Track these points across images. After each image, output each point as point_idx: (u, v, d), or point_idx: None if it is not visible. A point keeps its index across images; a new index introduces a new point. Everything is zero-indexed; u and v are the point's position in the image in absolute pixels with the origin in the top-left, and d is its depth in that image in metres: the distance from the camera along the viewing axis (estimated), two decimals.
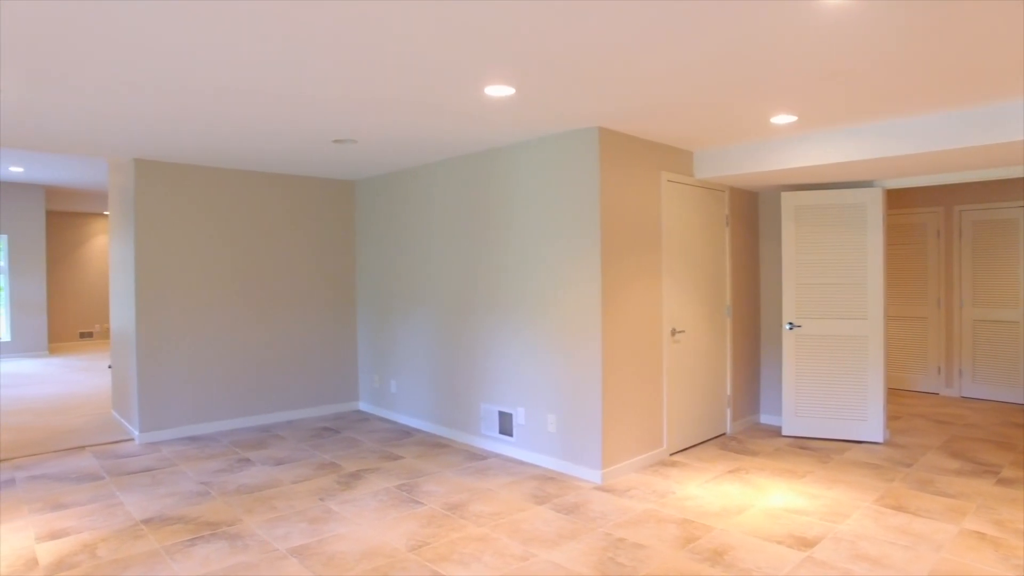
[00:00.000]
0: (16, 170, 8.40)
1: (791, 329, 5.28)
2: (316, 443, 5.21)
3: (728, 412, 5.47)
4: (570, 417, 4.36)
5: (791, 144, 4.46)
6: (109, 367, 8.19)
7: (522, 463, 4.63)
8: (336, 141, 4.59)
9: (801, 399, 5.26)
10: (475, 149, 4.95)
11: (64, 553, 3.18)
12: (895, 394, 6.99)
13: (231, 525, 3.51)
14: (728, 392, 5.47)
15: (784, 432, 5.32)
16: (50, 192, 10.31)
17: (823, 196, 5.16)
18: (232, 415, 5.73)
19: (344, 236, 6.49)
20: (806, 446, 5.02)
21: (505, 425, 4.84)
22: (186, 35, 2.58)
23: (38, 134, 4.35)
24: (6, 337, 10.06)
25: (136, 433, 5.27)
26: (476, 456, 4.83)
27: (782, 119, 3.95)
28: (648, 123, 4.09)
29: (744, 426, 5.69)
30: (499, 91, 3.37)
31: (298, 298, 6.16)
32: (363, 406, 6.51)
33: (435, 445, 5.15)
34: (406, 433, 5.54)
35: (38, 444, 5.16)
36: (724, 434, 5.43)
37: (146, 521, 3.57)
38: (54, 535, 3.40)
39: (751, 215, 5.83)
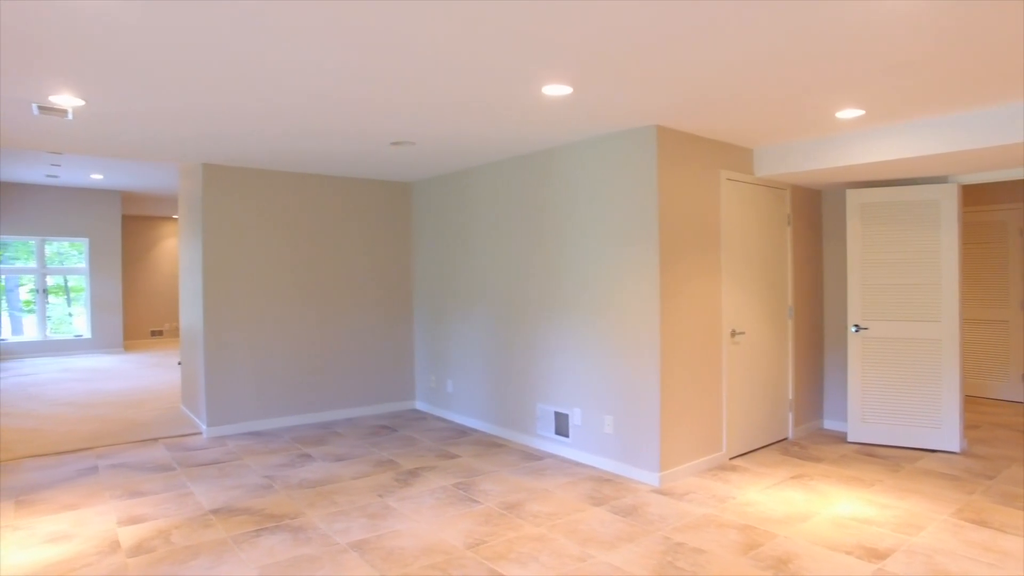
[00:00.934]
0: (96, 177, 8.91)
1: (857, 332, 5.07)
2: (374, 441, 5.32)
3: (790, 416, 5.30)
4: (627, 418, 4.32)
5: (857, 139, 4.29)
6: (179, 364, 8.56)
7: (578, 464, 4.60)
8: (394, 144, 4.68)
9: (868, 404, 5.05)
10: (532, 149, 4.96)
11: (142, 537, 3.34)
12: (973, 402, 6.63)
13: (294, 518, 3.61)
14: (790, 396, 5.30)
15: (850, 438, 5.12)
16: (126, 197, 10.89)
17: (892, 193, 4.94)
18: (293, 412, 5.91)
19: (401, 237, 6.61)
20: (874, 453, 4.82)
21: (561, 426, 4.82)
22: (252, 46, 2.68)
23: (118, 142, 4.59)
24: (87, 334, 10.67)
25: (204, 427, 5.49)
26: (532, 456, 4.83)
27: (848, 113, 3.81)
28: (707, 120, 4.01)
29: (807, 431, 5.50)
30: (557, 90, 3.36)
31: (357, 298, 6.30)
32: (419, 405, 6.61)
33: (491, 445, 5.17)
34: (462, 432, 5.59)
35: (116, 435, 5.44)
36: (786, 439, 5.27)
37: (215, 511, 3.72)
38: (133, 520, 3.58)
39: (814, 214, 5.64)
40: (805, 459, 4.71)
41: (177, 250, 12.97)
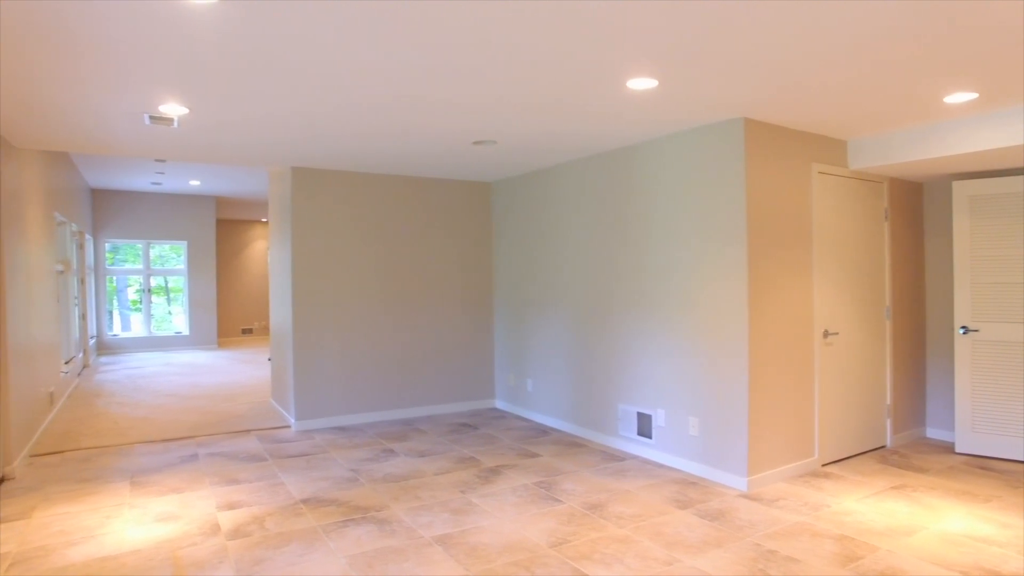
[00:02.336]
0: (194, 183, 9.48)
1: (965, 333, 4.71)
2: (455, 438, 5.38)
3: (888, 423, 4.99)
4: (713, 420, 4.18)
5: (968, 125, 3.99)
6: (269, 360, 8.97)
7: (661, 466, 4.50)
8: (476, 143, 4.72)
9: (979, 413, 4.68)
10: (614, 146, 4.89)
11: (239, 522, 3.51)
12: None
13: (379, 511, 3.70)
14: (888, 401, 4.99)
15: (958, 449, 4.76)
16: (220, 202, 11.54)
17: (1007, 184, 4.56)
18: (376, 408, 6.07)
19: (481, 236, 6.67)
20: (987, 467, 4.46)
21: (644, 427, 4.73)
22: (343, 48, 2.76)
23: (216, 148, 4.86)
24: (185, 331, 11.37)
25: (292, 421, 5.72)
26: (614, 457, 4.76)
27: (959, 97, 3.54)
28: (798, 111, 3.83)
29: (907, 439, 5.16)
30: (642, 84, 3.30)
31: (437, 297, 6.41)
32: (499, 404, 6.65)
33: (571, 444, 5.14)
34: (542, 432, 5.58)
35: (213, 426, 5.76)
36: (883, 447, 4.96)
37: (304, 501, 3.86)
38: (231, 506, 3.77)
39: (914, 208, 5.29)
40: (907, 469, 4.41)
41: (266, 252, 13.64)
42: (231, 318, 13.34)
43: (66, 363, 7.14)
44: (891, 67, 3.05)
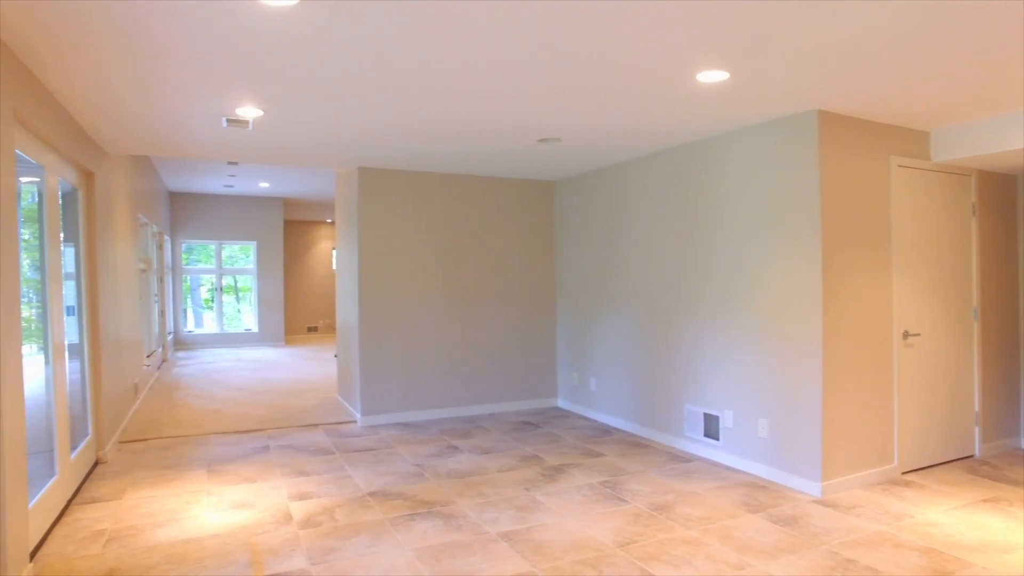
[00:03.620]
0: (264, 185, 9.83)
1: None
2: (518, 436, 5.39)
3: (976, 431, 4.70)
4: (784, 423, 4.04)
5: None
6: (335, 356, 9.20)
7: (729, 468, 4.38)
8: (541, 141, 4.71)
9: None
10: (681, 142, 4.79)
11: (310, 512, 3.61)
12: None
13: (444, 505, 3.73)
14: (976, 407, 4.70)
15: None
16: (287, 203, 11.93)
17: None
18: (440, 405, 6.14)
19: (544, 235, 6.66)
20: None
21: (711, 428, 4.61)
22: (412, 46, 2.79)
23: (287, 150, 5.02)
24: (254, 328, 11.81)
25: (358, 416, 5.85)
26: (679, 458, 4.66)
27: None
28: (876, 102, 3.66)
29: (999, 449, 4.85)
30: (712, 76, 3.21)
31: (501, 296, 6.44)
32: (561, 403, 6.62)
33: (636, 444, 5.06)
34: (606, 431, 5.52)
35: (283, 419, 5.95)
36: (971, 456, 4.68)
37: (371, 494, 3.93)
38: (301, 497, 3.88)
39: (1006, 202, 4.97)
40: (1000, 481, 4.15)
41: (330, 252, 14.02)
42: (297, 316, 13.77)
43: (148, 357, 7.53)
44: (984, 47, 2.87)
